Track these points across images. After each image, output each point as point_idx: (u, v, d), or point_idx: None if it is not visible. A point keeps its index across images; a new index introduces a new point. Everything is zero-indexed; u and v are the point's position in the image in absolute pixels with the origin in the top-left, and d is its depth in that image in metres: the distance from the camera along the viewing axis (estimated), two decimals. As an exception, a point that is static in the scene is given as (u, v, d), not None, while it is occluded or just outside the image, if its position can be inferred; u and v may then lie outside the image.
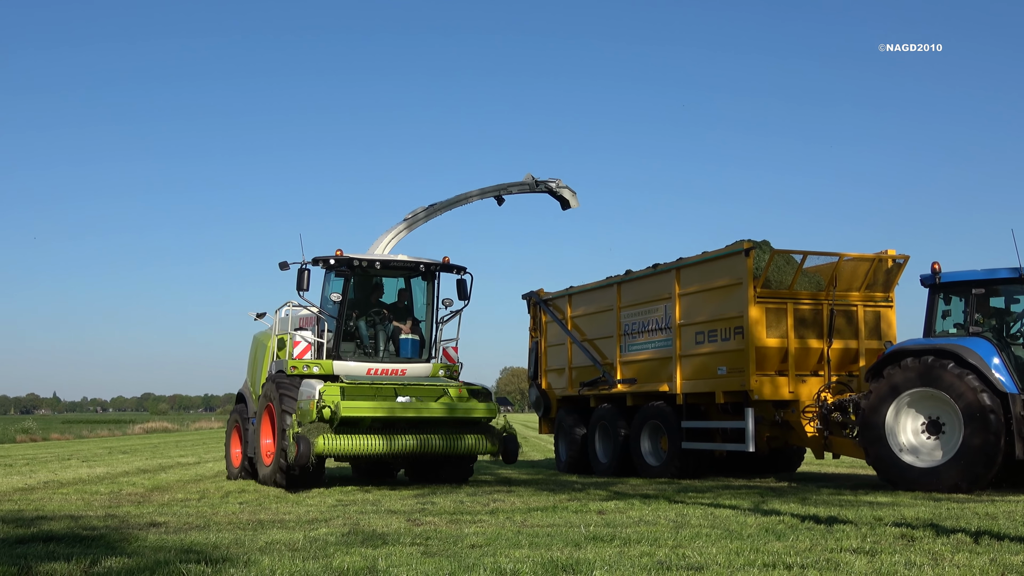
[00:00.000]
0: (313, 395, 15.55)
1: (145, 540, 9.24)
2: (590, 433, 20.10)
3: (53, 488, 16.63)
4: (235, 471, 18.99)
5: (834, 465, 21.59)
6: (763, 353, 16.30)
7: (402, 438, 15.79)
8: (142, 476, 19.67)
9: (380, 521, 10.87)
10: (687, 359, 17.62)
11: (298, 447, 15.02)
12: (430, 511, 12.06)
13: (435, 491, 15.14)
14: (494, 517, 11.28)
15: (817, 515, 10.92)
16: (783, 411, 16.69)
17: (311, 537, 9.37)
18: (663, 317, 18.22)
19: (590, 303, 20.59)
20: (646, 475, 18.29)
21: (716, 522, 10.48)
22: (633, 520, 10.82)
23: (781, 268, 16.67)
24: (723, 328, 16.82)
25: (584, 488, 15.65)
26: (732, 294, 16.62)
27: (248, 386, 19.43)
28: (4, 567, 7.47)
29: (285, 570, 7.32)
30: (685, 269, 17.80)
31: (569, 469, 20.49)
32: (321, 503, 13.42)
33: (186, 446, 37.66)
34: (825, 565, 7.43)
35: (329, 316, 17.15)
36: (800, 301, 16.62)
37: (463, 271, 17.78)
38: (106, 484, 17.43)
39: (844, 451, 16.28)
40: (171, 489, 16.30)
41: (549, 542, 8.90)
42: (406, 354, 17.49)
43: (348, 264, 17.01)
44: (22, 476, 19.74)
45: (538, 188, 21.26)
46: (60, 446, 40.78)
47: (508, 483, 17.00)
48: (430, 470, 17.53)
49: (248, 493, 15.21)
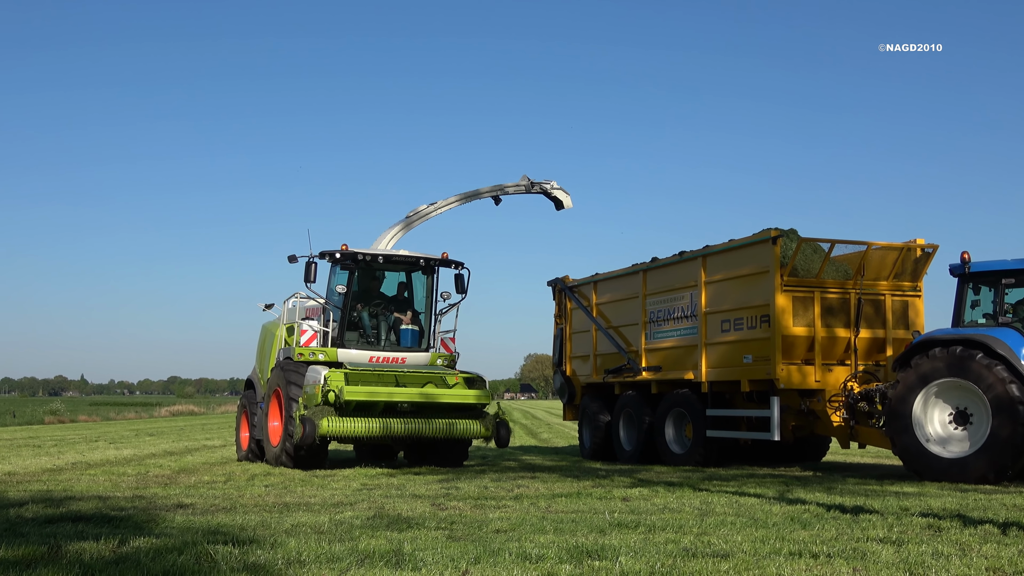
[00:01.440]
0: (318, 380, 16.44)
1: (172, 521, 9.31)
2: (614, 420, 20.09)
3: (81, 469, 16.79)
4: (243, 453, 19.77)
5: (860, 455, 21.50)
6: (789, 341, 16.22)
7: (401, 422, 16.63)
8: (168, 458, 19.84)
9: (405, 505, 10.91)
10: (713, 347, 17.57)
11: (304, 428, 15.98)
12: (455, 496, 12.09)
13: (459, 476, 15.20)
14: (519, 503, 11.29)
15: (843, 504, 10.87)
16: (809, 400, 16.62)
17: (337, 520, 9.42)
18: (689, 305, 18.17)
19: (616, 290, 20.55)
20: (670, 463, 18.27)
21: (741, 510, 10.46)
22: (658, 507, 10.80)
23: (808, 257, 16.58)
24: (749, 316, 16.75)
25: (608, 475, 15.65)
26: (759, 282, 16.55)
27: (256, 372, 20.25)
28: (34, 546, 7.55)
29: (311, 552, 7.36)
30: (711, 257, 17.74)
31: (593, 456, 20.50)
32: (346, 487, 13.49)
33: (212, 429, 37.93)
34: (851, 554, 7.39)
35: (334, 307, 18.09)
36: (827, 290, 16.53)
37: (461, 266, 18.69)
38: (133, 466, 17.59)
39: (870, 441, 16.20)
40: (197, 471, 16.43)
41: (574, 528, 8.90)
42: (406, 343, 18.42)
43: (353, 258, 17.99)
44: (51, 457, 19.94)
45: (533, 189, 21.64)
46: (88, 428, 41.16)
47: (532, 469, 17.03)
48: (428, 452, 18.19)
49: (273, 476, 15.31)
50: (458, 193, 21.10)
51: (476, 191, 21.22)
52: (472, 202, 21.41)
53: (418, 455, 18.45)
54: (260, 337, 20.63)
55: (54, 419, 49.80)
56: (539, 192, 21.86)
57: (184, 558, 7.06)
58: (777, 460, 18.79)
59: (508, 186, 21.50)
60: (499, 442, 17.39)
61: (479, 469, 17.06)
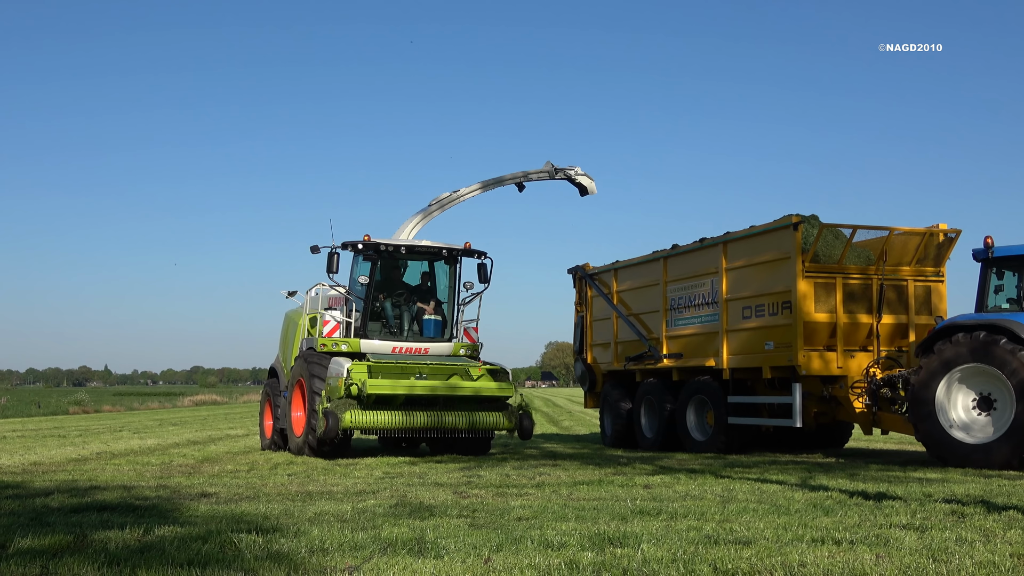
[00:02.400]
0: (341, 373, 16.49)
1: (196, 510, 9.37)
2: (636, 407, 20.08)
3: (105, 459, 16.92)
4: (267, 442, 19.89)
5: (882, 441, 21.41)
6: (811, 328, 16.16)
7: (423, 414, 16.63)
8: (192, 448, 19.96)
9: (427, 493, 10.94)
10: (734, 334, 17.52)
11: (327, 422, 16.00)
12: (476, 484, 12.11)
13: (481, 464, 15.23)
14: (540, 490, 11.30)
15: (865, 491, 10.83)
16: (831, 386, 16.56)
17: (359, 508, 9.45)
18: (710, 292, 18.12)
19: (636, 277, 20.51)
20: (692, 450, 18.25)
21: (763, 497, 10.43)
22: (679, 494, 10.79)
23: (830, 242, 16.50)
24: (771, 303, 16.69)
25: (630, 462, 15.65)
26: (780, 268, 16.48)
27: (280, 361, 20.34)
28: (60, 535, 7.61)
29: (334, 540, 7.39)
30: (732, 243, 17.68)
31: (614, 443, 20.50)
32: (368, 475, 13.53)
33: (235, 418, 38.12)
34: (874, 541, 7.37)
35: (357, 297, 18.13)
36: (849, 276, 16.45)
37: (483, 256, 18.63)
38: (157, 455, 17.71)
39: (893, 427, 16.13)
40: (221, 460, 16.53)
41: (596, 515, 8.91)
42: (429, 334, 18.43)
43: (375, 249, 17.99)
44: (75, 447, 20.10)
45: (557, 175, 21.66)
46: (112, 418, 41.46)
47: (554, 457, 17.05)
48: (450, 444, 18.17)
49: (296, 465, 15.38)
50: (481, 180, 21.14)
51: (499, 178, 21.25)
52: (495, 189, 21.45)
53: (441, 445, 18.47)
54: (283, 326, 20.72)
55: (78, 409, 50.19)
56: (563, 178, 21.88)
57: (208, 547, 7.11)
58: (799, 447, 18.74)
59: (532, 172, 21.53)
60: (522, 434, 17.39)
61: (501, 457, 17.08)
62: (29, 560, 6.66)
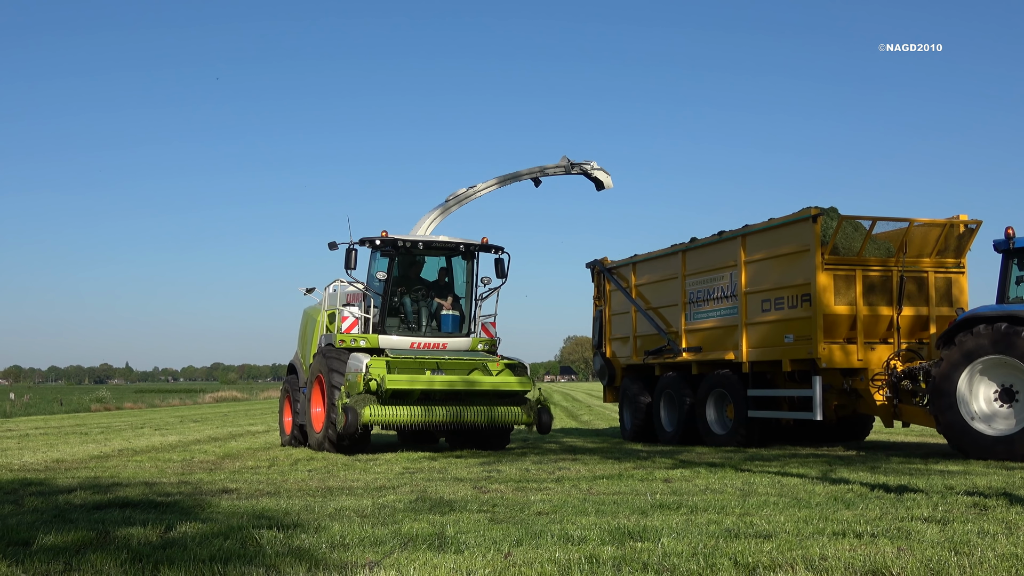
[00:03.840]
0: (360, 368, 16.60)
1: (218, 506, 9.42)
2: (655, 401, 20.06)
3: (127, 456, 17.02)
4: (287, 438, 19.97)
5: (903, 434, 21.33)
6: (831, 320, 16.10)
7: (442, 409, 16.73)
8: (213, 444, 20.06)
9: (447, 488, 10.96)
10: (753, 327, 17.48)
11: (346, 417, 16.10)
12: (496, 479, 12.13)
13: (500, 459, 15.24)
14: (560, 485, 11.31)
15: (887, 484, 10.80)
16: (851, 379, 16.50)
17: (380, 504, 9.48)
18: (729, 285, 18.08)
19: (655, 271, 20.49)
20: (712, 444, 18.23)
21: (784, 490, 10.42)
22: (699, 488, 10.79)
23: (849, 234, 16.45)
24: (790, 295, 16.64)
25: (649, 456, 15.64)
26: (799, 261, 16.43)
27: (299, 357, 20.44)
28: (83, 531, 7.67)
29: (355, 536, 7.42)
30: (751, 236, 17.63)
31: (634, 437, 20.50)
32: (388, 471, 13.57)
33: (255, 415, 38.29)
34: (896, 534, 7.35)
35: (375, 293, 18.16)
36: (869, 268, 16.38)
37: (501, 251, 18.66)
38: (178, 452, 17.80)
39: (914, 419, 16.06)
40: (241, 457, 16.60)
41: (616, 510, 8.91)
42: (447, 329, 18.48)
43: (393, 244, 18.06)
44: (97, 444, 20.22)
45: (573, 170, 21.65)
46: (133, 415, 41.68)
47: (573, 451, 17.05)
48: (469, 438, 18.23)
49: (316, 461, 15.43)
50: (497, 176, 21.16)
51: (516, 173, 21.27)
52: (511, 184, 21.47)
53: (460, 439, 18.54)
54: (302, 322, 20.82)
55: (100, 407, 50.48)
56: (579, 173, 21.89)
57: (230, 543, 7.15)
58: (820, 440, 18.69)
59: (548, 167, 21.55)
60: (541, 429, 17.45)
61: (520, 452, 17.10)
62: (52, 557, 6.71)
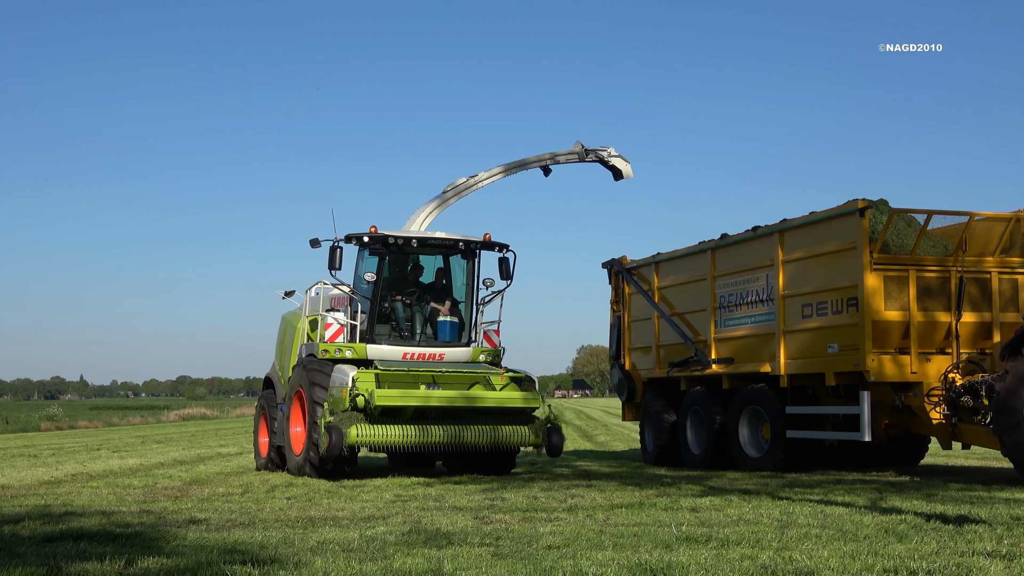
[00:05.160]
0: (346, 382, 16.47)
1: (184, 538, 9.44)
2: (681, 420, 20.06)
3: (82, 481, 17.05)
4: (262, 461, 19.94)
5: (963, 456, 21.31)
6: (881, 328, 16.10)
7: (439, 428, 16.64)
8: (179, 468, 20.10)
9: (444, 519, 10.98)
10: (792, 335, 17.48)
11: (330, 438, 15.96)
12: (500, 508, 12.15)
13: (505, 486, 15.26)
14: (573, 515, 11.33)
15: (944, 513, 10.80)
16: (904, 394, 16.49)
17: (368, 536, 9.50)
18: (764, 287, 18.09)
19: (680, 272, 20.49)
20: (745, 468, 18.23)
21: (827, 521, 10.43)
22: (731, 519, 10.80)
23: (901, 230, 16.43)
24: (834, 299, 16.64)
25: (674, 482, 15.66)
26: (845, 260, 16.43)
27: (276, 370, 20.42)
28: (32, 567, 7.69)
29: (340, 572, 7.44)
30: (790, 232, 17.63)
31: (657, 461, 20.50)
32: (378, 499, 13.59)
33: (227, 435, 38.33)
34: (955, 571, 7.35)
35: (363, 297, 18.13)
36: (924, 268, 16.37)
37: (506, 249, 18.63)
38: (140, 477, 17.84)
39: (975, 440, 16.05)
40: (211, 482, 16.63)
41: (636, 543, 8.92)
42: (444, 337, 18.42)
43: (383, 241, 17.96)
44: (48, 468, 20.26)
45: (588, 157, 21.69)
46: (88, 435, 41.76)
47: (588, 476, 17.06)
48: (469, 462, 18.15)
49: (296, 487, 15.46)
50: (503, 163, 21.17)
51: (523, 161, 21.28)
52: (518, 173, 21.47)
53: (459, 463, 18.46)
54: (280, 330, 20.81)
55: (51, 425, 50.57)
56: (594, 160, 21.90)
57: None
58: (868, 464, 18.68)
59: (559, 154, 21.55)
60: (551, 451, 17.39)
61: (527, 477, 17.11)
62: (-2, 596, 6.74)
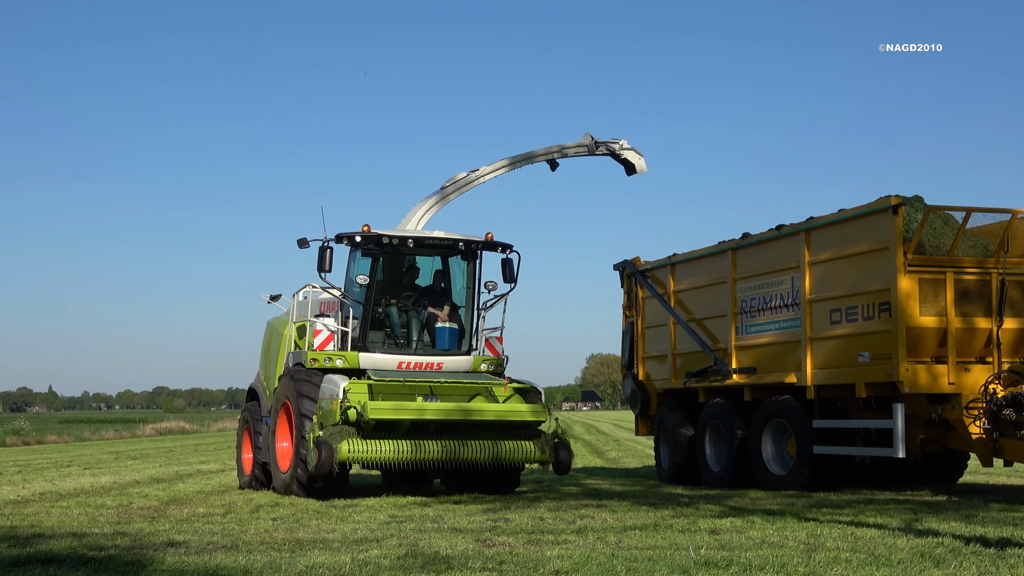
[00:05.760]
0: (336, 394, 16.45)
1: (162, 562, 9.41)
2: (699, 435, 20.03)
3: (51, 500, 17.03)
4: (245, 479, 19.98)
5: (1005, 474, 21.28)
6: (916, 335, 16.07)
7: (437, 443, 16.65)
8: (156, 486, 20.08)
9: (443, 541, 10.95)
10: (820, 343, 17.45)
11: (319, 453, 15.95)
12: (503, 529, 12.13)
13: (508, 505, 15.25)
14: (582, 537, 11.30)
15: (985, 536, 10.78)
16: (941, 407, 16.45)
17: (360, 560, 9.47)
18: (789, 291, 18.06)
19: (698, 274, 20.47)
20: (768, 486, 18.19)
21: (858, 544, 10.40)
22: (754, 542, 10.77)
23: (938, 229, 16.41)
24: (865, 304, 16.61)
25: (692, 502, 15.62)
26: (876, 261, 16.40)
27: (261, 380, 20.46)
28: (-4, 594, 7.65)
29: (330, 600, 7.39)
30: (817, 231, 17.60)
31: (673, 479, 20.47)
32: (371, 519, 13.58)
33: (207, 450, 38.37)
34: (998, 598, 7.31)
35: (355, 301, 18.13)
36: (962, 270, 16.35)
37: (509, 249, 18.65)
38: (113, 496, 17.82)
39: (1018, 457, 16.01)
40: (191, 502, 16.61)
41: (651, 568, 8.89)
42: (443, 345, 18.43)
43: (376, 241, 17.91)
44: (14, 486, 20.24)
45: (598, 150, 21.76)
46: (58, 450, 41.78)
47: (598, 495, 17.05)
48: (470, 479, 18.15)
49: (283, 508, 15.44)
50: (506, 157, 21.20)
51: (529, 154, 21.34)
52: (523, 167, 21.51)
53: (458, 481, 18.45)
54: (265, 337, 20.83)
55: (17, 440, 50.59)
56: (605, 153, 21.95)
57: (176, 608, 7.12)
58: (902, 482, 18.65)
59: (568, 147, 21.61)
60: (559, 468, 17.40)
61: (533, 496, 17.10)
62: (-42, 625, 6.69)
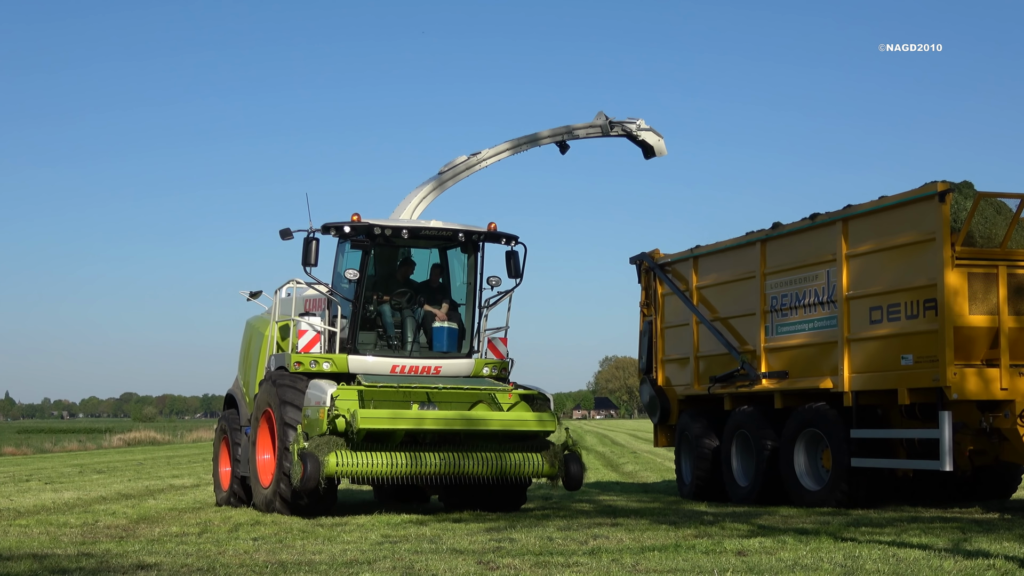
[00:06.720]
0: (323, 401, 16.44)
1: (132, 587, 9.46)
2: (724, 446, 20.06)
3: (8, 519, 17.10)
4: (223, 495, 20.02)
5: (1064, 490, 21.27)
6: (965, 335, 16.09)
7: (434, 456, 16.68)
8: (124, 503, 20.13)
9: (442, 563, 10.99)
10: (858, 344, 17.47)
11: (304, 467, 15.92)
12: (508, 551, 12.15)
13: (514, 524, 15.28)
14: (595, 559, 11.33)
15: (1041, 558, 10.80)
16: (992, 415, 16.46)
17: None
18: (825, 287, 18.07)
19: (724, 268, 20.49)
20: (801, 503, 18.22)
21: (900, 567, 10.42)
22: (785, 564, 10.80)
23: (989, 218, 16.41)
24: (908, 301, 16.63)
25: (717, 520, 15.66)
26: (921, 254, 16.42)
27: (240, 385, 20.47)
28: (-50, 621, 7.73)
29: (317, 627, 7.46)
30: (855, 221, 17.61)
31: (696, 494, 20.50)
32: (362, 539, 13.60)
33: (180, 463, 38.39)
34: (1053, 626, 7.36)
35: (343, 298, 18.16)
36: (1017, 263, 16.36)
37: (514, 241, 18.62)
38: (77, 513, 17.87)
39: (1078, 470, 16.05)
40: (163, 520, 16.66)
41: (671, 593, 8.93)
42: (441, 347, 18.45)
43: (367, 232, 17.91)
44: (-32, 503, 20.29)
45: (612, 131, 21.75)
46: (15, 463, 41.81)
47: (613, 513, 17.07)
48: (471, 496, 18.19)
49: (264, 526, 15.49)
50: (510, 139, 21.17)
51: (535, 135, 21.31)
52: (529, 150, 21.48)
53: (458, 497, 18.51)
54: (244, 338, 20.85)
55: (-29, 452, 50.67)
56: (621, 134, 21.93)
57: (148, 636, 7.20)
58: (949, 498, 18.66)
59: (578, 127, 21.58)
60: (569, 483, 17.41)
61: (541, 514, 17.14)
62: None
